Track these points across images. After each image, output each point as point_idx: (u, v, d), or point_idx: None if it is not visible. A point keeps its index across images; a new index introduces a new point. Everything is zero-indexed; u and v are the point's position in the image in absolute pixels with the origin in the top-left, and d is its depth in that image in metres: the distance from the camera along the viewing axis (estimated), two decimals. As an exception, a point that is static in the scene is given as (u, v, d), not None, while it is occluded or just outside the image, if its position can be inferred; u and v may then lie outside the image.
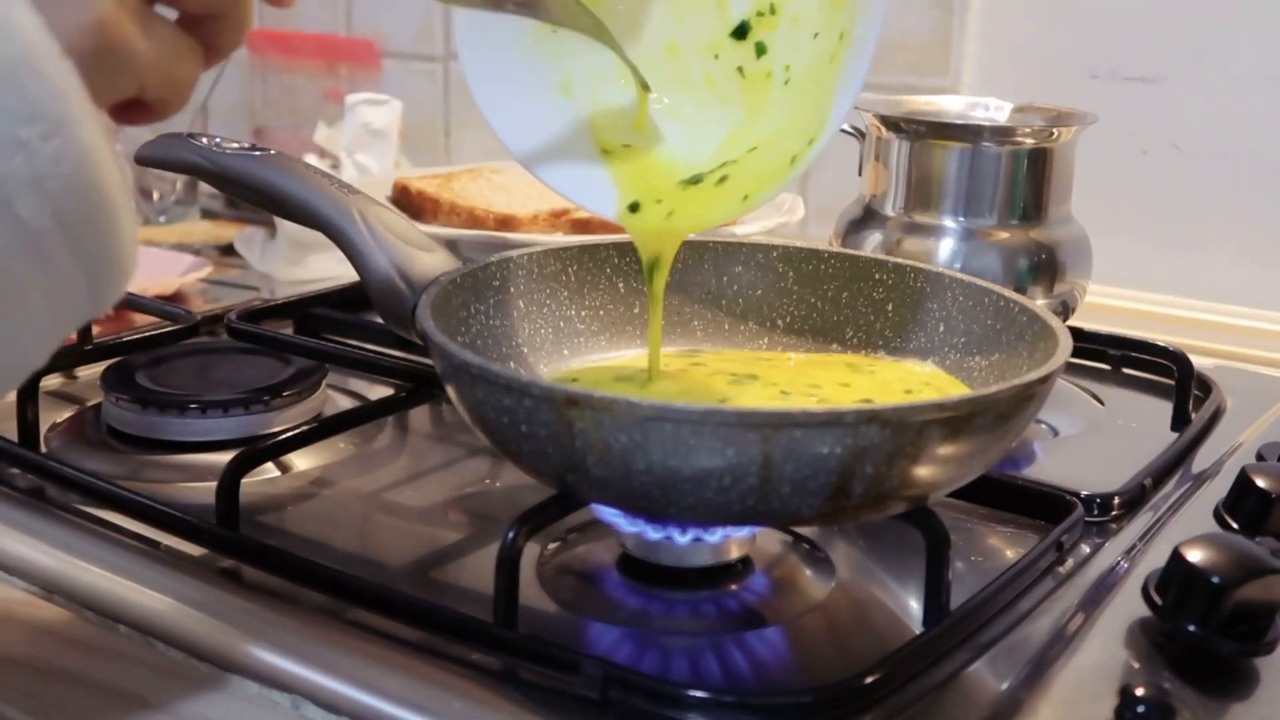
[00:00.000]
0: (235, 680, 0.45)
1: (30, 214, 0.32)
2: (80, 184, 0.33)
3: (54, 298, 0.34)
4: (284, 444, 0.60)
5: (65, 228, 0.33)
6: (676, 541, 0.51)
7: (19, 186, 0.32)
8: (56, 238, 0.33)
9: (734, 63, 0.57)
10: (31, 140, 0.32)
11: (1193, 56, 0.96)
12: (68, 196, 0.33)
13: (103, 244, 0.35)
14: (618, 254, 0.63)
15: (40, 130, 0.32)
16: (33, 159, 0.32)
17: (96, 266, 0.35)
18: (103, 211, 0.34)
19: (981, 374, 0.57)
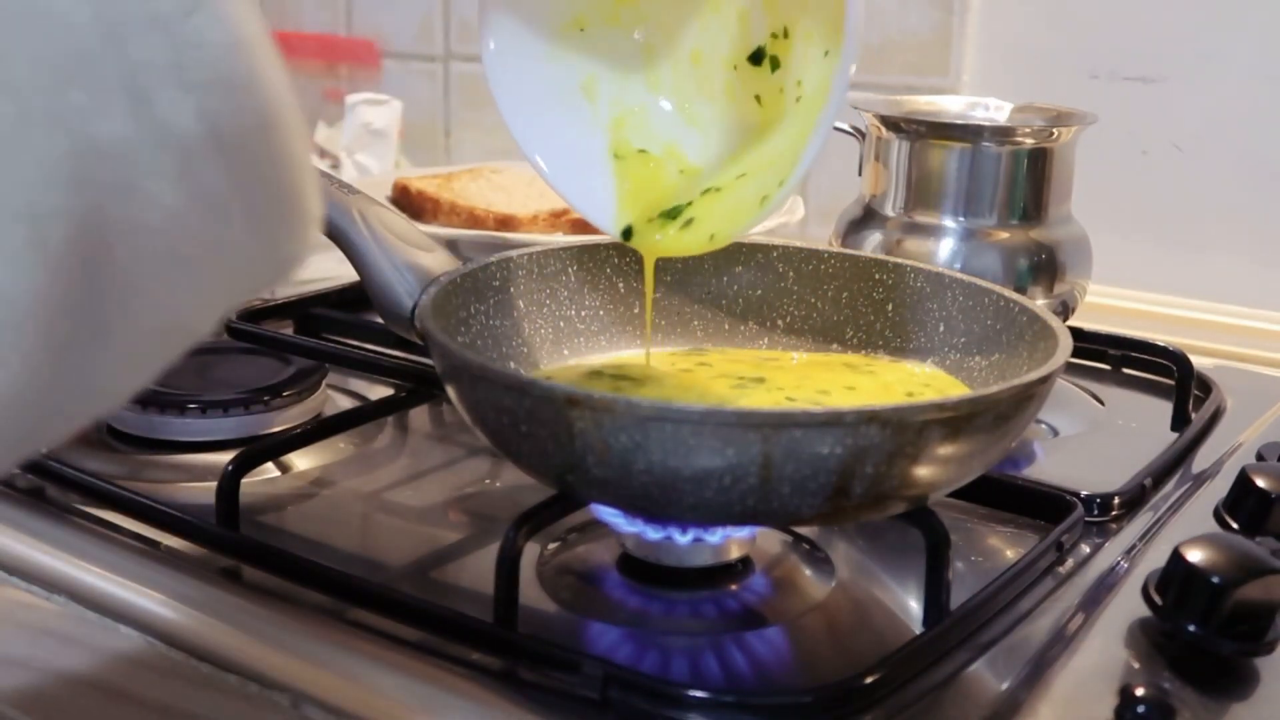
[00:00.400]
0: (235, 680, 0.45)
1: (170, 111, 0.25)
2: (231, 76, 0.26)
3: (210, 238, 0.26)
4: (284, 444, 0.60)
5: (216, 136, 0.25)
6: (676, 541, 0.51)
7: (157, 76, 0.25)
8: (206, 148, 0.25)
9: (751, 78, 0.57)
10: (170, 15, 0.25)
11: (1193, 56, 0.96)
12: (217, 92, 0.25)
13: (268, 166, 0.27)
14: (618, 254, 0.63)
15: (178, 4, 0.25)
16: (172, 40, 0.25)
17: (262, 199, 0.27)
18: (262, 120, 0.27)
19: (981, 374, 0.57)
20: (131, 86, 0.24)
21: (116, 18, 0.24)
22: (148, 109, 0.25)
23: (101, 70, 0.24)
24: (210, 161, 0.26)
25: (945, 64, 1.04)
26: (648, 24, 0.57)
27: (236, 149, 0.26)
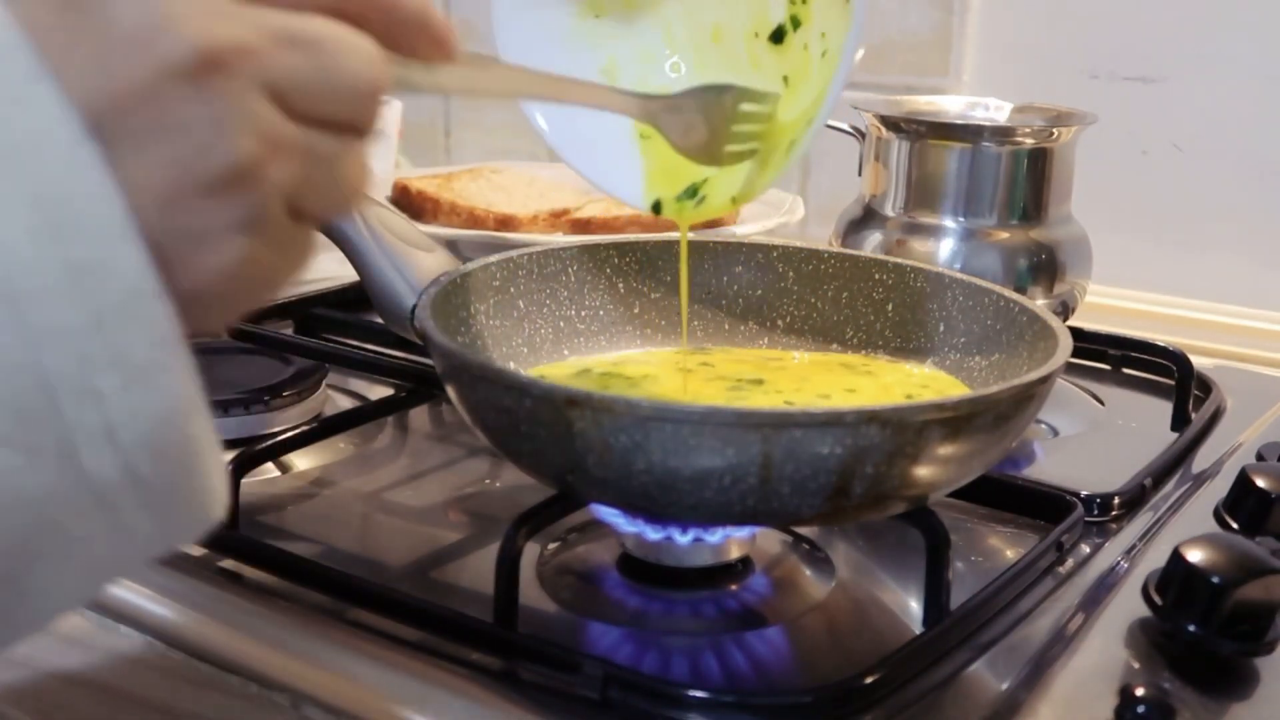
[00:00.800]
0: (235, 680, 0.45)
1: (96, 468, 0.29)
2: (159, 440, 0.30)
3: (116, 548, 0.30)
4: (284, 444, 0.60)
5: (136, 485, 0.29)
6: (677, 541, 0.51)
7: (87, 438, 0.28)
8: (126, 494, 0.29)
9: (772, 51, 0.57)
10: (108, 390, 0.28)
11: (1193, 56, 0.96)
12: (143, 450, 0.29)
13: (182, 497, 0.31)
14: (618, 254, 0.63)
15: (121, 379, 0.28)
16: (106, 410, 0.28)
17: (172, 518, 0.31)
18: (183, 465, 0.31)
19: (981, 374, 0.57)
20: (63, 446, 0.28)
21: (58, 384, 0.28)
22: (75, 464, 0.28)
23: (37, 432, 0.28)
24: (127, 498, 0.29)
25: (945, 64, 1.04)
26: (662, 5, 0.57)
27: (152, 491, 0.30)
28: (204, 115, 0.29)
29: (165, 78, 0.28)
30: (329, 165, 0.33)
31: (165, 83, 0.28)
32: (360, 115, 0.33)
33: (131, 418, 0.29)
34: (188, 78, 0.29)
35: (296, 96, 0.31)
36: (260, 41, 0.30)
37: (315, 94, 0.32)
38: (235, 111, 0.29)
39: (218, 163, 0.29)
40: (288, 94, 0.31)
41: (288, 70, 0.31)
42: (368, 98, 0.33)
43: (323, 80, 0.32)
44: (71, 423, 0.28)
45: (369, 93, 0.33)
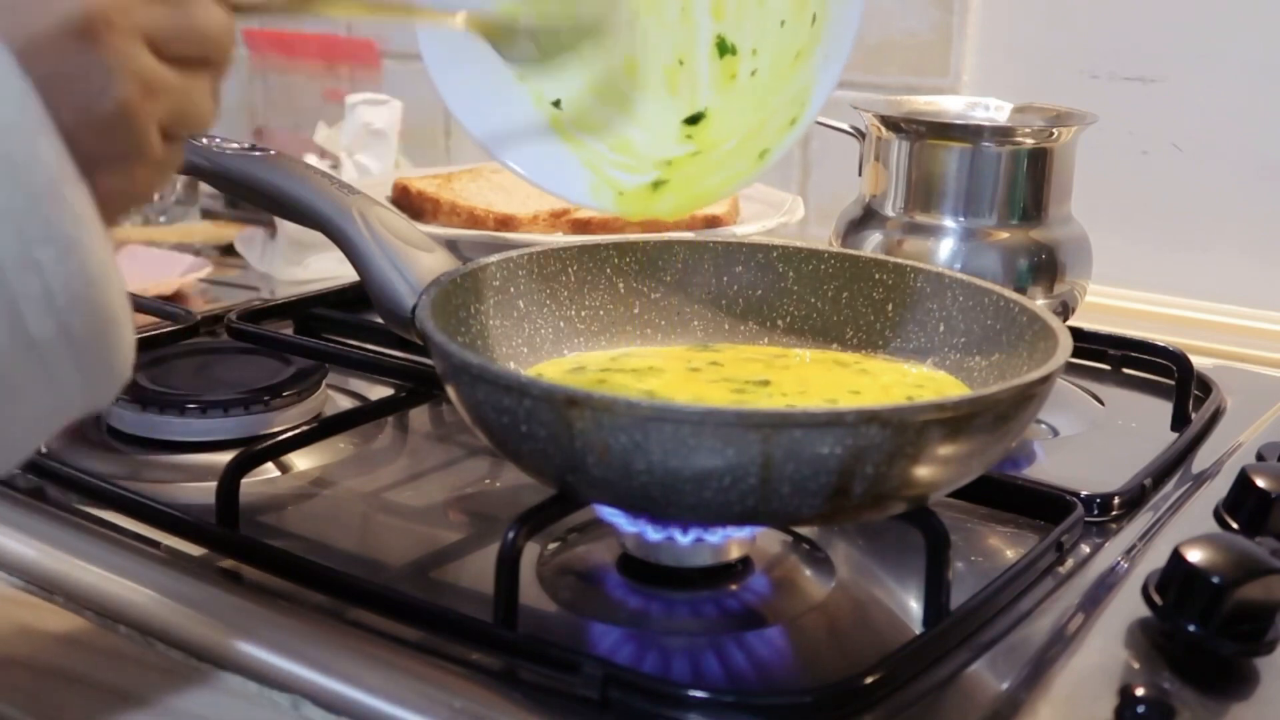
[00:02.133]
0: (235, 680, 0.45)
1: (38, 328, 0.34)
2: (87, 301, 0.35)
3: (51, 400, 0.36)
4: (284, 444, 0.60)
5: (70, 341, 0.35)
6: (677, 541, 0.51)
7: (30, 303, 0.34)
8: (61, 350, 0.35)
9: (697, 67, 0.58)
10: (46, 260, 0.34)
11: (1193, 56, 0.96)
12: (75, 313, 0.35)
13: (104, 355, 0.36)
14: (618, 254, 0.63)
15: (54, 251, 0.34)
16: (45, 277, 0.34)
17: (95, 374, 0.37)
18: (106, 326, 0.36)
19: (981, 374, 0.57)
20: (11, 311, 0.34)
21: (4, 258, 0.33)
22: (21, 326, 0.34)
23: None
24: (61, 355, 0.35)
25: (945, 64, 1.04)
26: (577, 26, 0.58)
27: (82, 349, 0.36)
28: (95, 64, 0.35)
29: (60, 33, 0.35)
30: (191, 96, 0.40)
31: (60, 37, 0.35)
32: (214, 53, 0.40)
33: (66, 283, 0.34)
34: (80, 34, 0.35)
35: (165, 42, 0.38)
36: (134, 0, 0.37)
37: (180, 39, 0.39)
38: (119, 60, 0.36)
39: (108, 105, 0.36)
40: (158, 41, 0.38)
41: (157, 21, 0.37)
42: (220, 38, 0.40)
43: (185, 28, 0.39)
44: (16, 290, 0.33)
45: (220, 34, 0.40)
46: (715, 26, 0.58)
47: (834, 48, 0.52)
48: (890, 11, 1.05)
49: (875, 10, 1.05)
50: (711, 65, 0.58)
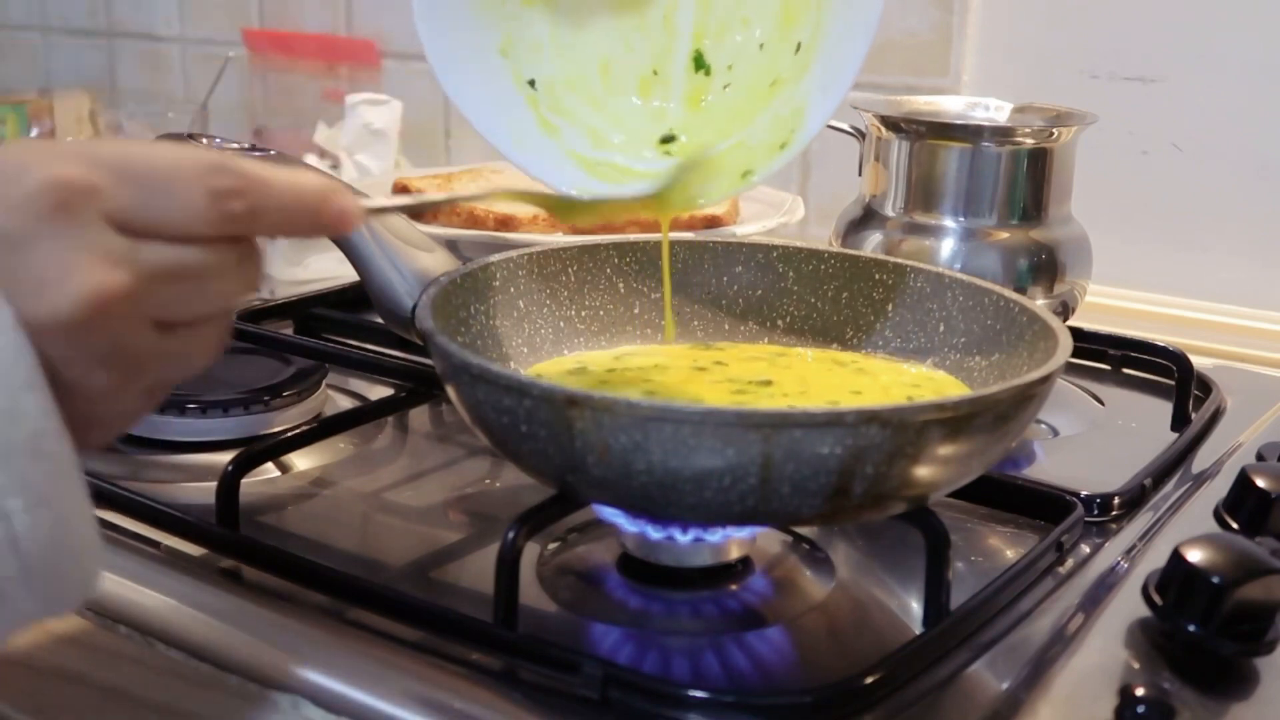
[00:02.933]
0: (235, 680, 0.45)
1: None
2: (53, 546, 0.35)
3: (4, 620, 0.36)
4: (284, 444, 0.60)
5: (29, 579, 0.35)
6: (678, 541, 0.51)
7: None
8: (20, 586, 0.35)
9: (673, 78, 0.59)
10: (14, 510, 0.34)
11: (1193, 56, 0.96)
12: (38, 555, 0.35)
13: (64, 587, 0.37)
14: (618, 254, 0.63)
15: (24, 502, 0.34)
16: (12, 525, 0.34)
17: (54, 602, 0.37)
18: (70, 564, 0.36)
19: (981, 374, 0.57)
20: None
21: None
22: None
23: None
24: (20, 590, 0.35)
25: (945, 64, 1.04)
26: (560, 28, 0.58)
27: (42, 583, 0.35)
28: (82, 353, 0.35)
29: (57, 323, 0.34)
30: (187, 351, 0.38)
31: (56, 327, 0.34)
32: (227, 310, 0.38)
33: (31, 531, 0.34)
34: (74, 325, 0.34)
35: (173, 315, 0.37)
36: (141, 283, 0.35)
37: (190, 310, 0.37)
38: (109, 349, 0.35)
39: (90, 388, 0.36)
40: (165, 315, 0.36)
41: (165, 300, 0.36)
42: (236, 299, 0.38)
43: (197, 301, 0.37)
44: None
45: (237, 296, 0.38)
46: (695, 41, 0.59)
47: (834, 81, 0.52)
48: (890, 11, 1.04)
49: (875, 10, 1.04)
50: (686, 80, 0.59)
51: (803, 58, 0.55)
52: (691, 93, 0.58)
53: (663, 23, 0.59)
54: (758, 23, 0.57)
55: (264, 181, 0.37)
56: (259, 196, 0.37)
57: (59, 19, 1.65)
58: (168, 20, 1.54)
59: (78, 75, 1.63)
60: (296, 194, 0.38)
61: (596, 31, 0.59)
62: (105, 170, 0.35)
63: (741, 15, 0.58)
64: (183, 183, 0.36)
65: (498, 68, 0.58)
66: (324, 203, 0.39)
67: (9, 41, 1.71)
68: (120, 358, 0.36)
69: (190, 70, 1.53)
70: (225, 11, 1.47)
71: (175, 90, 1.54)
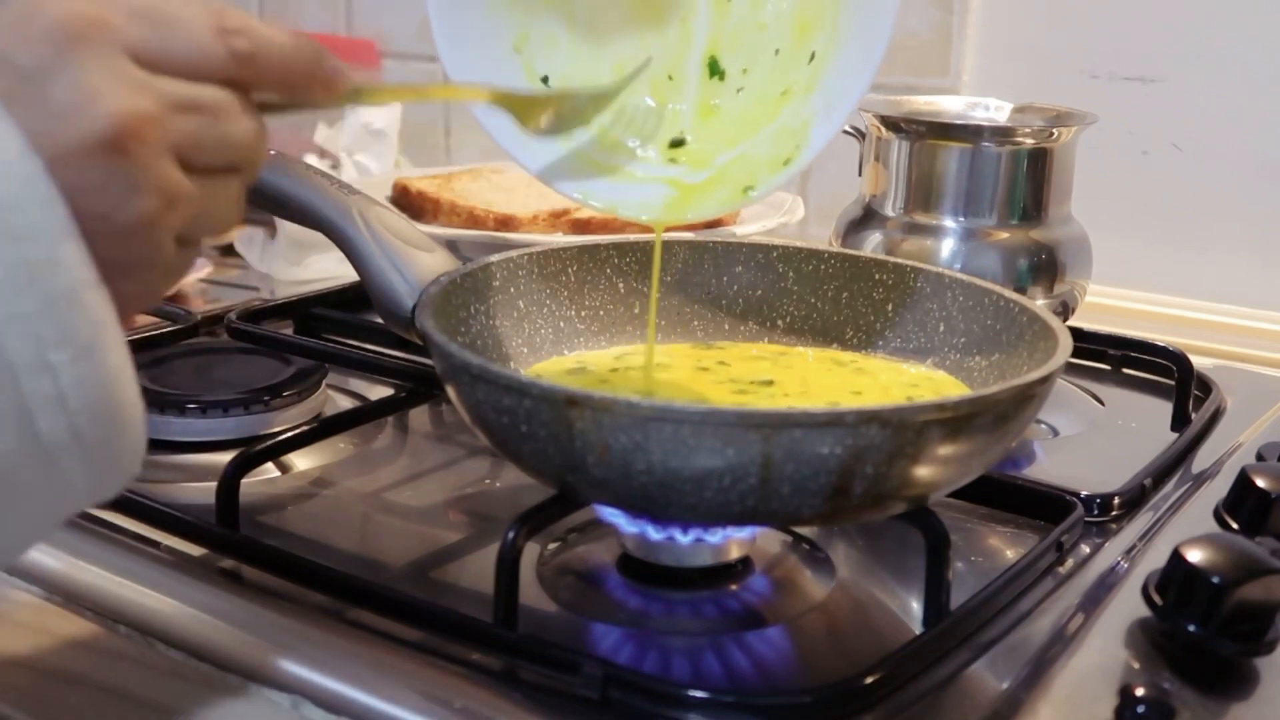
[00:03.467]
0: (236, 680, 0.45)
1: (49, 430, 0.34)
2: (100, 404, 0.35)
3: (56, 498, 0.36)
4: (284, 444, 0.60)
5: (80, 443, 0.35)
6: (678, 541, 0.51)
7: (42, 404, 0.34)
8: (71, 452, 0.35)
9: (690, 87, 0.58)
10: (60, 363, 0.34)
11: (1193, 56, 0.96)
12: (86, 415, 0.35)
13: (112, 455, 0.36)
14: (618, 254, 0.63)
15: (70, 354, 0.34)
16: (59, 380, 0.34)
17: (103, 473, 0.36)
18: (117, 427, 0.36)
19: (981, 374, 0.57)
20: (22, 413, 0.33)
21: (18, 361, 0.33)
22: (31, 428, 0.34)
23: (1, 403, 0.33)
24: (70, 456, 0.35)
25: (945, 64, 1.04)
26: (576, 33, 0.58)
27: (92, 451, 0.35)
28: (120, 177, 0.35)
29: (88, 146, 0.34)
30: (213, 203, 0.39)
31: (88, 150, 0.34)
32: (243, 161, 0.40)
33: (79, 386, 0.34)
34: (109, 147, 0.35)
35: (193, 154, 0.38)
36: (163, 110, 0.36)
37: (209, 150, 0.38)
38: (144, 174, 0.36)
39: (127, 217, 0.36)
40: (187, 153, 0.37)
41: (188, 133, 0.37)
42: (250, 147, 0.40)
43: (215, 139, 0.38)
44: (29, 393, 0.33)
45: (251, 143, 0.40)
46: (710, 45, 0.58)
47: (840, 97, 0.52)
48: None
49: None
50: (700, 84, 0.58)
51: (815, 69, 0.54)
52: (704, 96, 0.58)
53: (679, 25, 0.59)
54: (774, 28, 0.57)
55: (262, 27, 0.39)
56: (261, 38, 0.39)
57: (59, 19, 1.65)
58: (168, 20, 1.54)
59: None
60: (295, 43, 0.40)
61: (613, 32, 0.59)
62: (115, 7, 0.36)
63: (758, 20, 0.57)
64: (191, 20, 0.37)
65: (510, 62, 0.57)
66: (320, 55, 0.41)
67: (9, 41, 1.71)
68: (150, 187, 0.36)
69: (190, 70, 1.53)
70: (225, 11, 1.47)
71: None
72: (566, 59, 0.58)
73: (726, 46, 0.58)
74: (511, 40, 0.57)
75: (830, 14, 0.54)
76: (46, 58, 0.34)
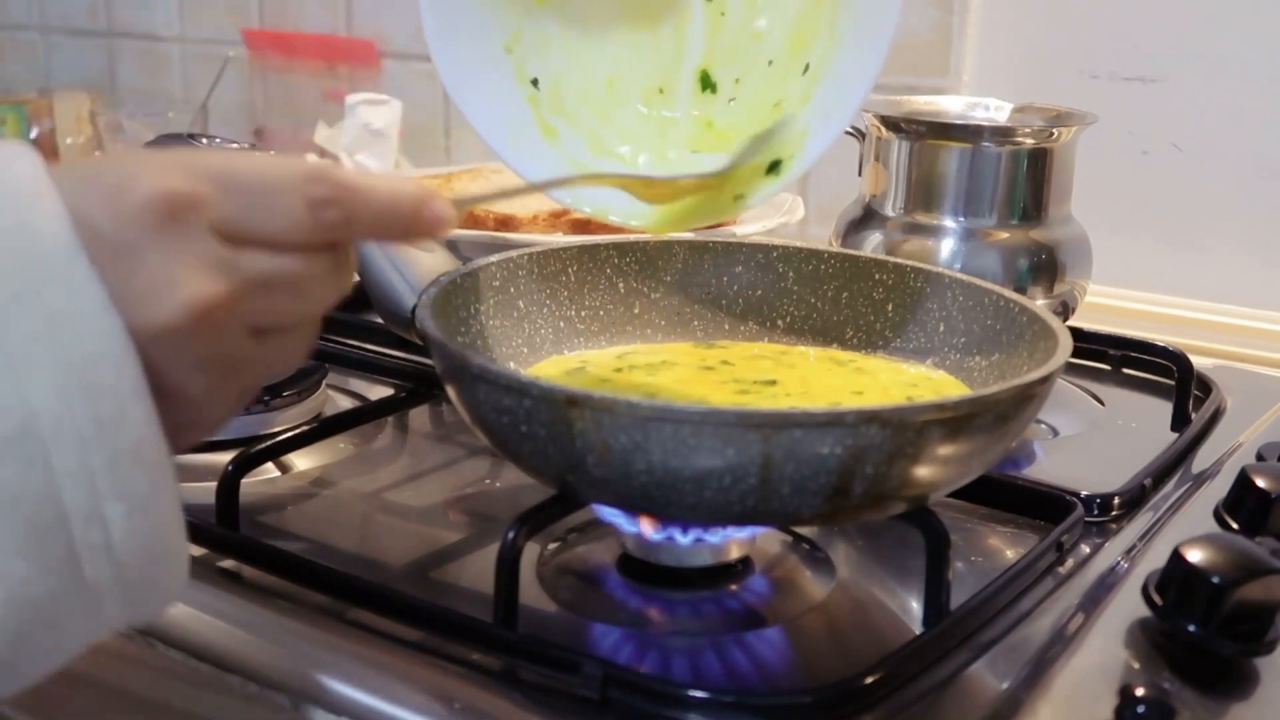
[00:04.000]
0: (235, 680, 0.45)
1: (94, 575, 0.34)
2: (147, 551, 0.35)
3: (94, 630, 0.36)
4: (284, 444, 0.60)
5: (123, 586, 0.35)
6: (678, 542, 0.51)
7: (90, 551, 0.34)
8: (113, 593, 0.35)
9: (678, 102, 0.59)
10: (114, 516, 0.34)
11: (1193, 56, 0.96)
12: (132, 562, 0.35)
13: (153, 592, 0.36)
14: (618, 254, 0.63)
15: (125, 508, 0.34)
16: (110, 531, 0.34)
17: (143, 608, 0.37)
18: (162, 568, 0.36)
19: (981, 374, 0.57)
20: (69, 559, 0.33)
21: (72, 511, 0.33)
22: (78, 574, 0.34)
23: (50, 548, 0.33)
24: (113, 597, 0.35)
25: (945, 64, 1.04)
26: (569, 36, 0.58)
27: (135, 593, 0.35)
28: (186, 355, 0.35)
29: (161, 329, 0.34)
30: (281, 352, 0.39)
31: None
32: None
33: (129, 537, 0.34)
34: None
35: (268, 320, 0.37)
36: (243, 290, 0.36)
37: (286, 316, 0.38)
38: (210, 351, 0.36)
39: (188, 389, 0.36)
40: (261, 320, 0.37)
41: (263, 308, 0.37)
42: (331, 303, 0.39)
43: (294, 307, 0.38)
44: (79, 541, 0.33)
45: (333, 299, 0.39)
46: (703, 57, 0.58)
47: (836, 110, 0.52)
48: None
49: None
50: (692, 97, 0.59)
51: (809, 81, 0.54)
52: (695, 107, 0.58)
53: (673, 34, 0.59)
54: (770, 38, 0.57)
55: (359, 189, 0.38)
56: (354, 204, 0.38)
57: (59, 19, 1.65)
58: (168, 20, 1.54)
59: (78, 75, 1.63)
60: (391, 200, 0.39)
61: (605, 40, 0.59)
62: (210, 180, 0.36)
63: (753, 30, 0.57)
64: (283, 193, 0.37)
65: (500, 62, 0.57)
66: (420, 207, 0.40)
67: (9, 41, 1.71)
68: (219, 363, 0.36)
69: (190, 70, 1.53)
70: (225, 11, 1.47)
71: (175, 90, 1.54)
72: (559, 62, 0.58)
73: (720, 58, 0.58)
74: (503, 40, 0.57)
75: (827, 26, 0.54)
76: (137, 237, 0.34)
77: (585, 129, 0.58)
